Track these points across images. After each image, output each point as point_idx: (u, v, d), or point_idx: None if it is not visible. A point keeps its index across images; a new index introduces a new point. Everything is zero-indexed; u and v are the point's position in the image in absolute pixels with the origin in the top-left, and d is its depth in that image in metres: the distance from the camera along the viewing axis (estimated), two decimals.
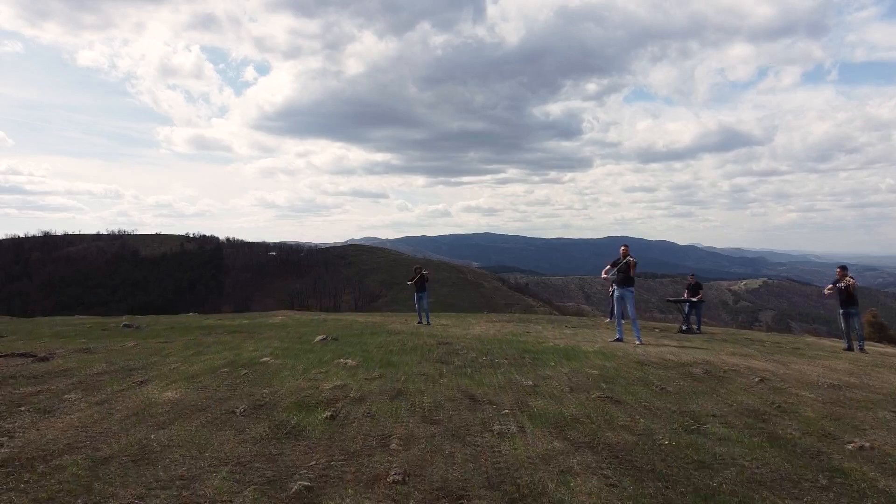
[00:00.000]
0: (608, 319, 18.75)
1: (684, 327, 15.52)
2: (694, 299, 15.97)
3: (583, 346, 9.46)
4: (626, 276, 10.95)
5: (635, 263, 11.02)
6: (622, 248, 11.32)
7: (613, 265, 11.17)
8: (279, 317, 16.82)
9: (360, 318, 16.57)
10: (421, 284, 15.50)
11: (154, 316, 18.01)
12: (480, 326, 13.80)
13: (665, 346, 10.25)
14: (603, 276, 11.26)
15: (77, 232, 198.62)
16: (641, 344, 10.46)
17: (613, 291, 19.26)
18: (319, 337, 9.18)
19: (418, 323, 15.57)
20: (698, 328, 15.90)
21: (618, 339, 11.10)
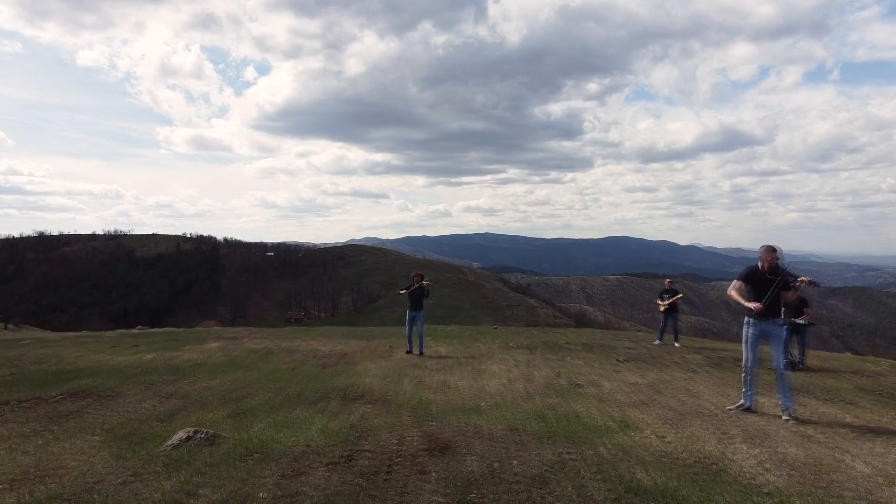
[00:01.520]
0: (657, 342, 14.19)
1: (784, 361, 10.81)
2: (800, 321, 11.21)
3: (723, 448, 4.68)
4: (775, 301, 6.19)
5: (801, 282, 6.15)
6: (766, 252, 6.28)
7: (750, 280, 6.34)
8: (215, 343, 12.08)
9: (325, 345, 11.82)
10: (418, 298, 11.08)
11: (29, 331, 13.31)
12: (498, 369, 9.06)
13: (844, 426, 5.52)
14: (735, 296, 6.39)
15: (73, 232, 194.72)
16: (796, 420, 5.79)
17: (665, 314, 14.60)
18: (181, 435, 4.36)
19: (407, 353, 10.98)
20: (801, 362, 11.11)
21: (746, 408, 6.37)
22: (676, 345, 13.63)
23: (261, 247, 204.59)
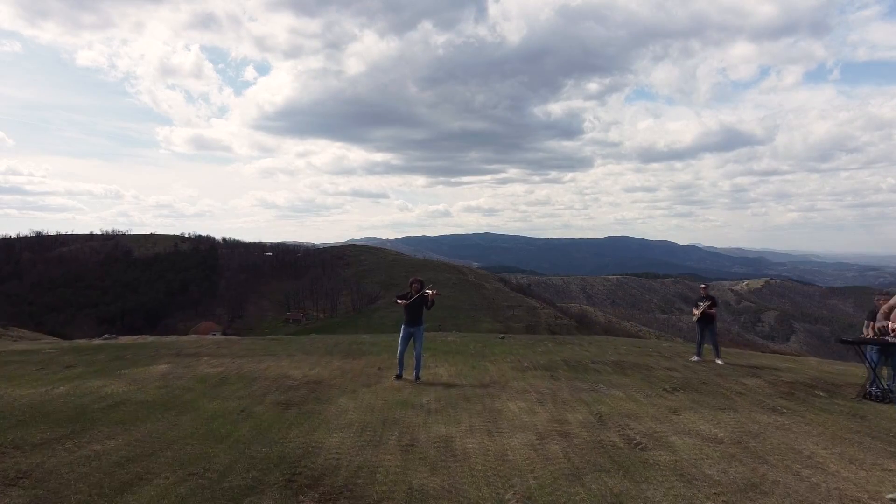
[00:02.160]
0: (696, 357, 12.08)
1: (874, 390, 8.56)
2: (892, 338, 8.93)
3: None
4: None
5: None
6: None
7: None
8: (164, 365, 9.81)
9: (299, 368, 9.53)
10: (417, 311, 9.05)
11: None
12: (517, 408, 6.81)
13: None
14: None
15: (70, 232, 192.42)
16: None
17: (700, 325, 11.52)
18: None
19: (397, 378, 8.77)
20: (894, 390, 8.84)
21: None
22: (719, 362, 11.65)
23: (259, 247, 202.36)
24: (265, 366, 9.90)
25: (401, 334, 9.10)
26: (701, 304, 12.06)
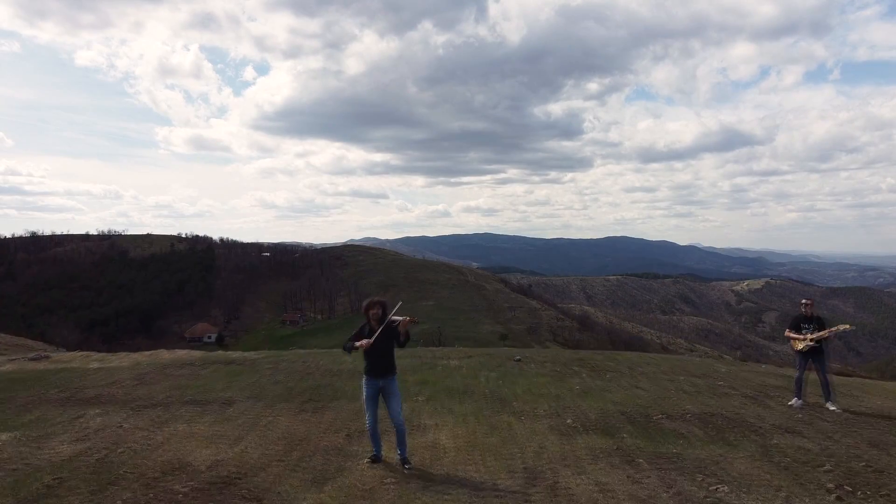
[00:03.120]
0: (797, 400, 8.84)
1: None
2: None
3: None
4: None
5: None
6: None
7: None
8: (10, 434, 6.98)
9: (216, 441, 6.50)
10: (385, 352, 5.83)
11: None
12: None
13: None
14: None
15: (66, 232, 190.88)
16: None
17: (804, 356, 8.62)
18: None
19: (372, 461, 5.88)
20: None
21: None
22: (834, 409, 8.53)
23: (257, 247, 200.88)
24: (163, 436, 6.73)
25: (364, 393, 5.93)
26: (807, 327, 8.82)
